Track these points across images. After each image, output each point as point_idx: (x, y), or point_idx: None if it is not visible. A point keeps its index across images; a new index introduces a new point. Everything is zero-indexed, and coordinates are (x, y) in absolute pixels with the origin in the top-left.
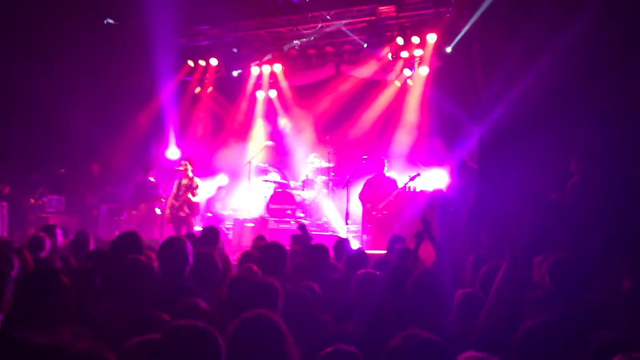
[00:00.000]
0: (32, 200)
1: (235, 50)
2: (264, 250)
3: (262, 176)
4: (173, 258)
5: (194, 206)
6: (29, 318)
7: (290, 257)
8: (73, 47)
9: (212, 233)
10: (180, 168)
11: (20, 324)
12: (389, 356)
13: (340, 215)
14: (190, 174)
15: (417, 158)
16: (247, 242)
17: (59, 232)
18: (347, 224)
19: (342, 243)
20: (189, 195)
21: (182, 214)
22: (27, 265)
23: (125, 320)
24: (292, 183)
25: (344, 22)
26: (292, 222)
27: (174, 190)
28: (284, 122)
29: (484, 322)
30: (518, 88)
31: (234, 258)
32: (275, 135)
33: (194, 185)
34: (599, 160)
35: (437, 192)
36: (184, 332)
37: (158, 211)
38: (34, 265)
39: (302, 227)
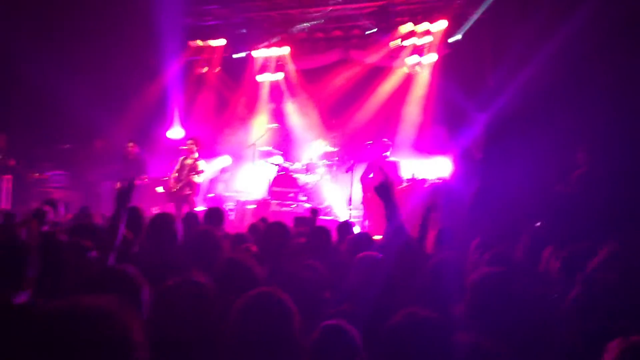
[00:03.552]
0: (36, 175)
1: (243, 31)
2: (267, 230)
3: (265, 159)
4: (161, 235)
5: (196, 186)
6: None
7: (292, 239)
8: (78, 24)
9: (217, 214)
10: (186, 147)
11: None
12: (389, 333)
13: (342, 200)
14: (196, 155)
15: (422, 146)
16: (249, 224)
17: (61, 206)
18: (349, 209)
19: (345, 225)
20: (194, 177)
21: (184, 193)
22: (32, 238)
23: None
24: (295, 166)
25: (355, 5)
26: (294, 205)
27: (177, 167)
28: (289, 105)
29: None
30: (525, 76)
31: None
32: (280, 118)
33: (199, 168)
34: (607, 152)
35: (441, 182)
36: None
37: (160, 189)
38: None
39: (314, 211)
